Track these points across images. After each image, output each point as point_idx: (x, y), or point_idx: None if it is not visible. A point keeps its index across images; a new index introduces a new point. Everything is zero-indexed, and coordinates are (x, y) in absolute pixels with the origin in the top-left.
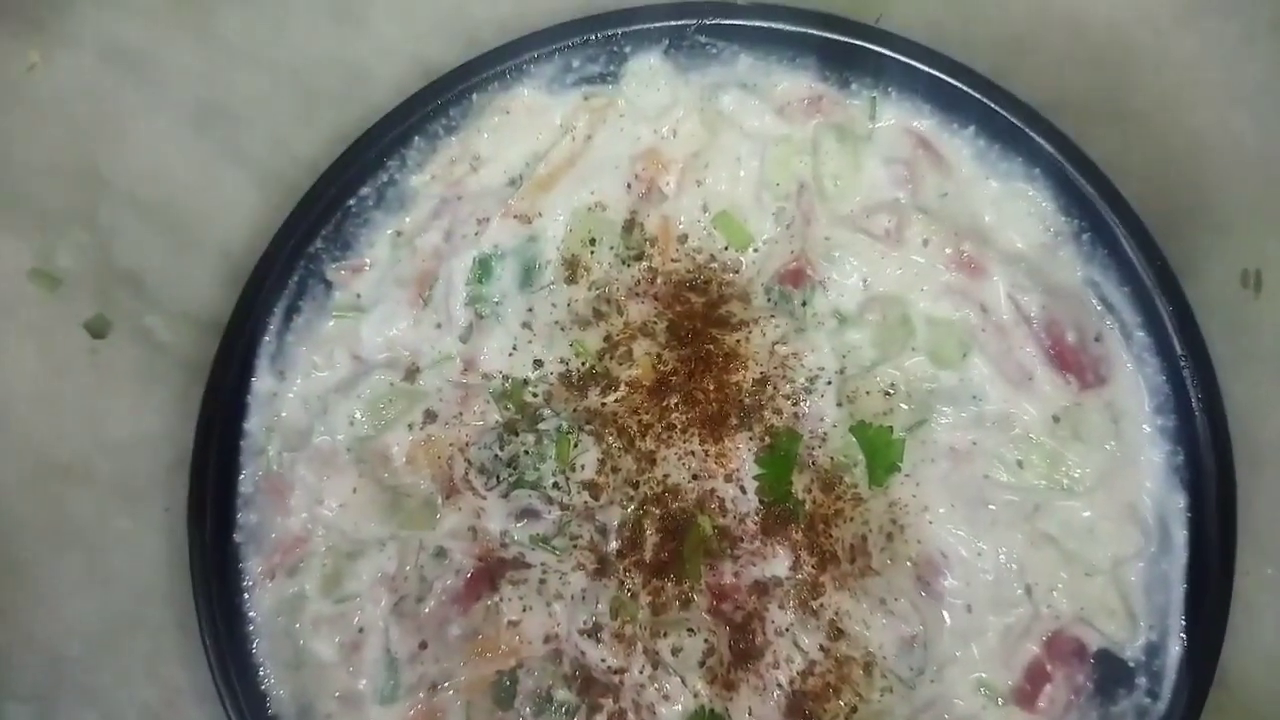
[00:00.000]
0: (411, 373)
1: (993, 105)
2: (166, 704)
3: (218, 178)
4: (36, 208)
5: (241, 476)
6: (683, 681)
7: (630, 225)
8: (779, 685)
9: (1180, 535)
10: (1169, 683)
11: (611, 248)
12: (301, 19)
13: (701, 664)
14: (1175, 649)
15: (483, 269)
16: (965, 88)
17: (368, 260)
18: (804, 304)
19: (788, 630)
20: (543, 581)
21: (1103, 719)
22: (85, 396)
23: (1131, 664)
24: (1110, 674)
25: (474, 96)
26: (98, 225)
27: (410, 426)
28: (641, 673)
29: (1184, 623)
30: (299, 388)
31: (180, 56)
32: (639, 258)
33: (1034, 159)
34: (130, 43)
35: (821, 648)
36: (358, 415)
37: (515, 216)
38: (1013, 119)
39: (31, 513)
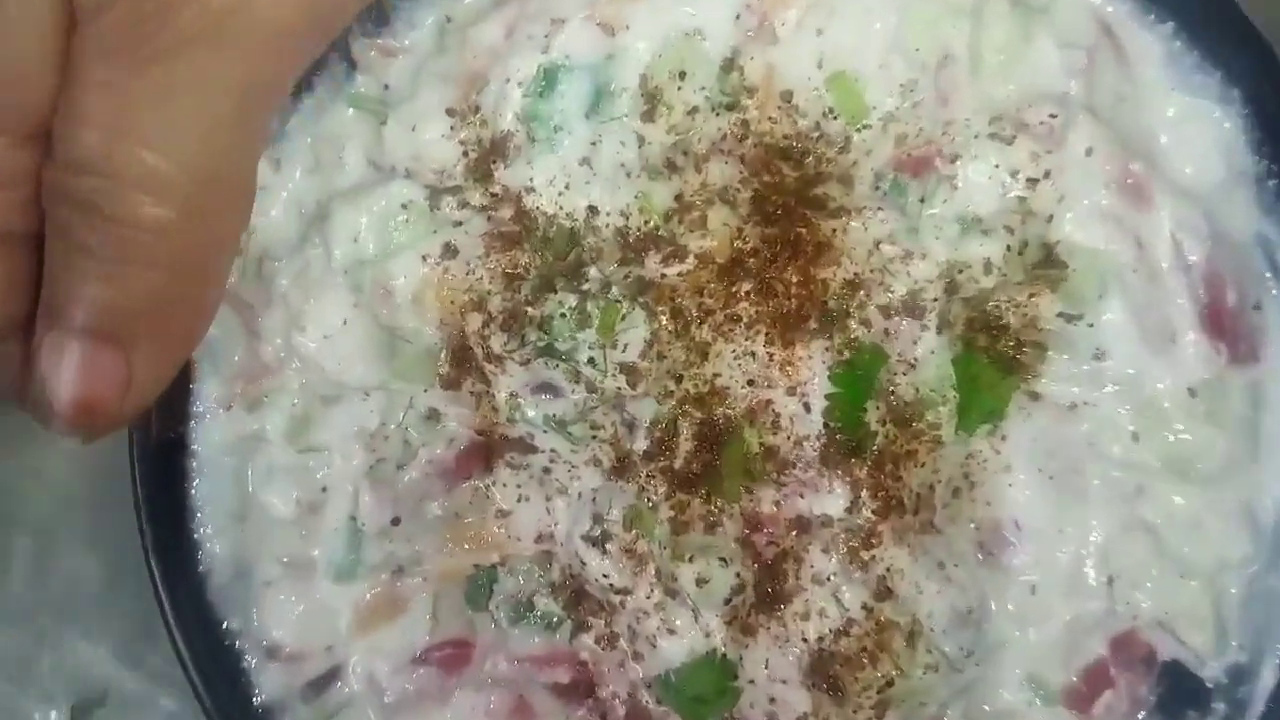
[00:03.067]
0: (436, 194)
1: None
2: None
3: None
4: None
5: None
6: (695, 617)
7: (730, 66)
8: (804, 640)
9: None
10: (1254, 715)
11: (703, 88)
12: None
13: (728, 601)
14: (1269, 678)
15: (547, 80)
16: None
17: (406, 42)
18: (922, 200)
19: (829, 579)
20: (547, 471)
21: None
22: None
23: (1210, 684)
24: (1179, 691)
25: None
26: None
27: (424, 259)
28: (649, 598)
29: None
30: (296, 184)
31: None
32: (732, 107)
33: (1234, 78)
34: None
35: (864, 606)
36: (363, 232)
37: (598, 23)
38: (1221, 23)
39: None
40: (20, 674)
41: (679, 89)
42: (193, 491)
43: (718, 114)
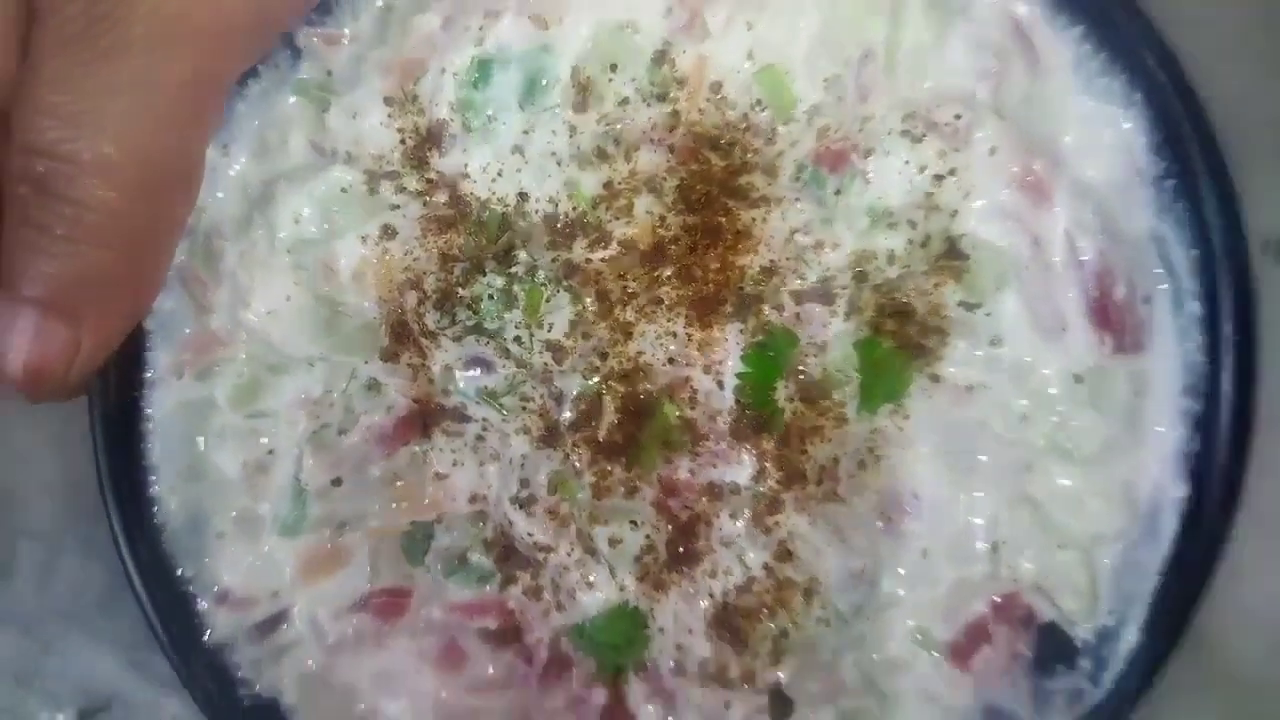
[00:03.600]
0: (375, 178)
1: (1111, 6)
2: None
3: None
4: None
5: None
6: (612, 573)
7: (661, 58)
8: (711, 595)
9: (1170, 527)
10: (1113, 673)
11: (634, 79)
12: None
13: (638, 559)
14: (1130, 640)
15: (481, 72)
16: None
17: (347, 31)
18: (838, 192)
19: (735, 541)
20: (480, 439)
21: (1034, 691)
22: None
23: (1078, 644)
24: (1052, 649)
25: None
26: None
27: (364, 239)
28: (569, 555)
29: (1147, 617)
30: (242, 167)
31: None
32: (662, 98)
33: (1138, 81)
34: None
35: (766, 566)
36: (305, 213)
37: (531, 17)
38: (1128, 27)
39: None
40: (26, 679)
41: (610, 80)
42: (148, 452)
43: (649, 104)
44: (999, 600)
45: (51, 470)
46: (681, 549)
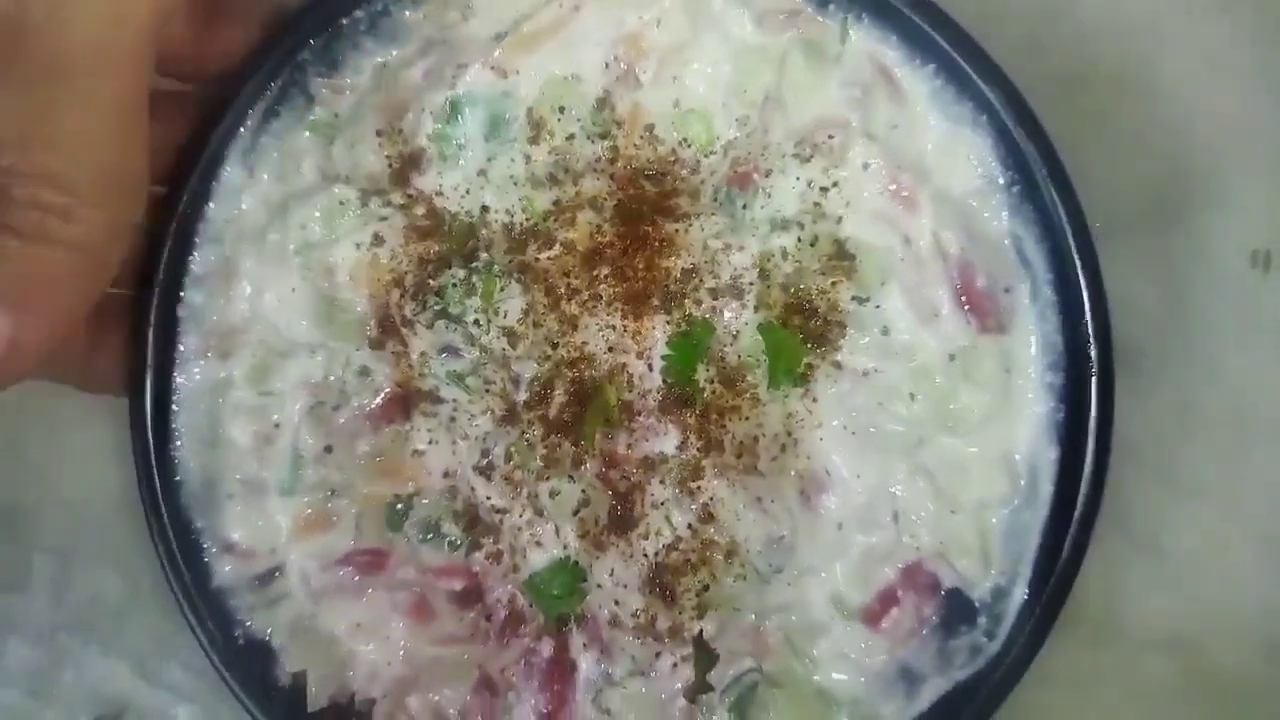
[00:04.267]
0: (368, 195)
1: (951, 49)
2: None
3: None
4: None
5: (195, 256)
6: (556, 532)
7: (602, 104)
8: (644, 555)
9: (1047, 490)
10: (1006, 626)
11: (579, 120)
12: None
13: (575, 514)
14: (1019, 596)
15: (453, 110)
16: (929, 28)
17: (350, 82)
18: (744, 206)
19: (663, 505)
20: (453, 419)
21: (940, 650)
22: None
23: (977, 604)
24: (956, 611)
25: None
26: None
27: (358, 245)
28: (521, 516)
29: (1031, 574)
30: (263, 186)
31: None
32: (604, 136)
33: (981, 107)
34: None
35: (690, 526)
36: (311, 224)
37: (493, 68)
38: (968, 66)
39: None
40: (43, 689)
41: (559, 120)
42: (175, 420)
43: (592, 141)
44: (905, 567)
45: (64, 486)
46: (620, 513)
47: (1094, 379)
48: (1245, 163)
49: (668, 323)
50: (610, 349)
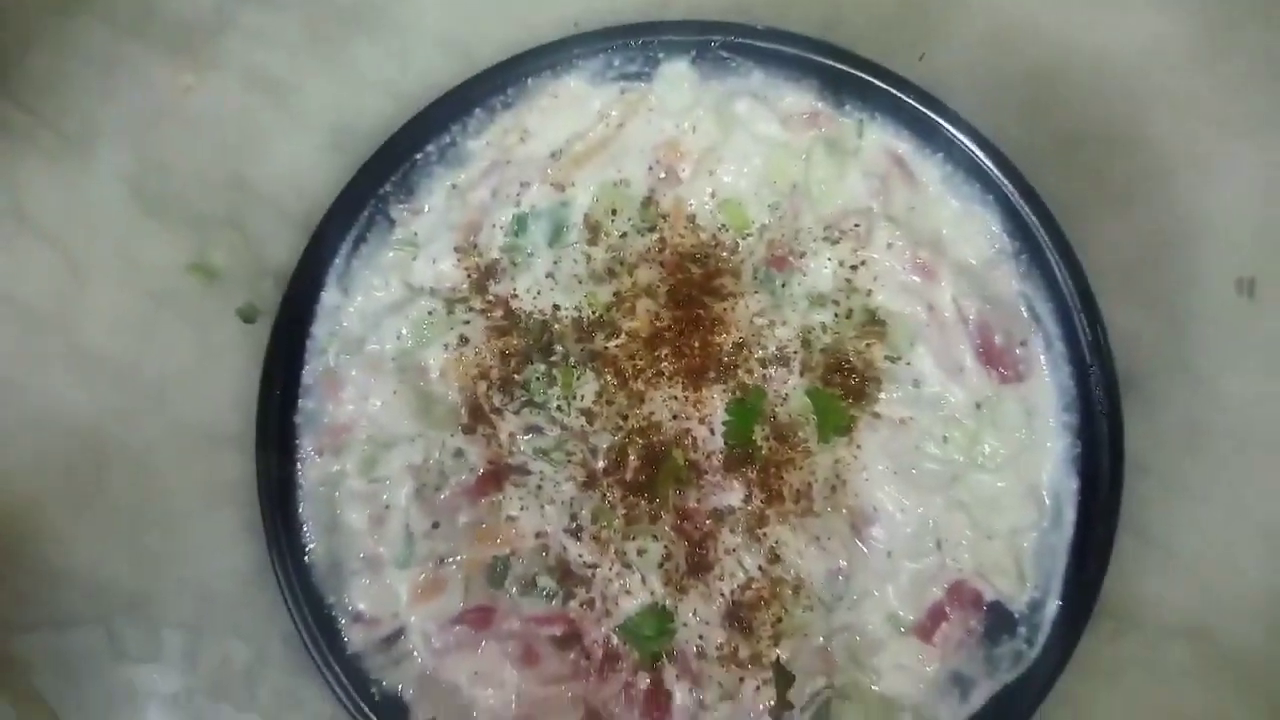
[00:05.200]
0: (451, 303)
1: (959, 138)
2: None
3: None
4: (193, 212)
5: (306, 369)
6: (643, 580)
7: (648, 202)
8: (722, 594)
9: (1070, 514)
10: (1043, 634)
11: (629, 219)
12: (418, 52)
13: (660, 566)
14: (1053, 607)
15: (519, 224)
16: (938, 119)
17: (426, 205)
18: (783, 285)
19: (734, 550)
20: (540, 488)
21: (986, 657)
22: (237, 374)
23: (1016, 616)
24: (998, 622)
25: (529, 80)
26: (246, 228)
27: (446, 346)
28: (611, 569)
29: (1062, 587)
30: (359, 304)
31: (317, 84)
32: (652, 229)
33: (988, 187)
34: (273, 70)
35: (760, 568)
36: (403, 332)
37: (552, 184)
38: (973, 152)
39: (189, 475)
40: None
41: (613, 221)
42: (300, 511)
43: (642, 235)
44: (950, 586)
45: (187, 571)
46: (696, 560)
47: (1104, 416)
48: (1225, 202)
49: (724, 391)
50: (675, 417)
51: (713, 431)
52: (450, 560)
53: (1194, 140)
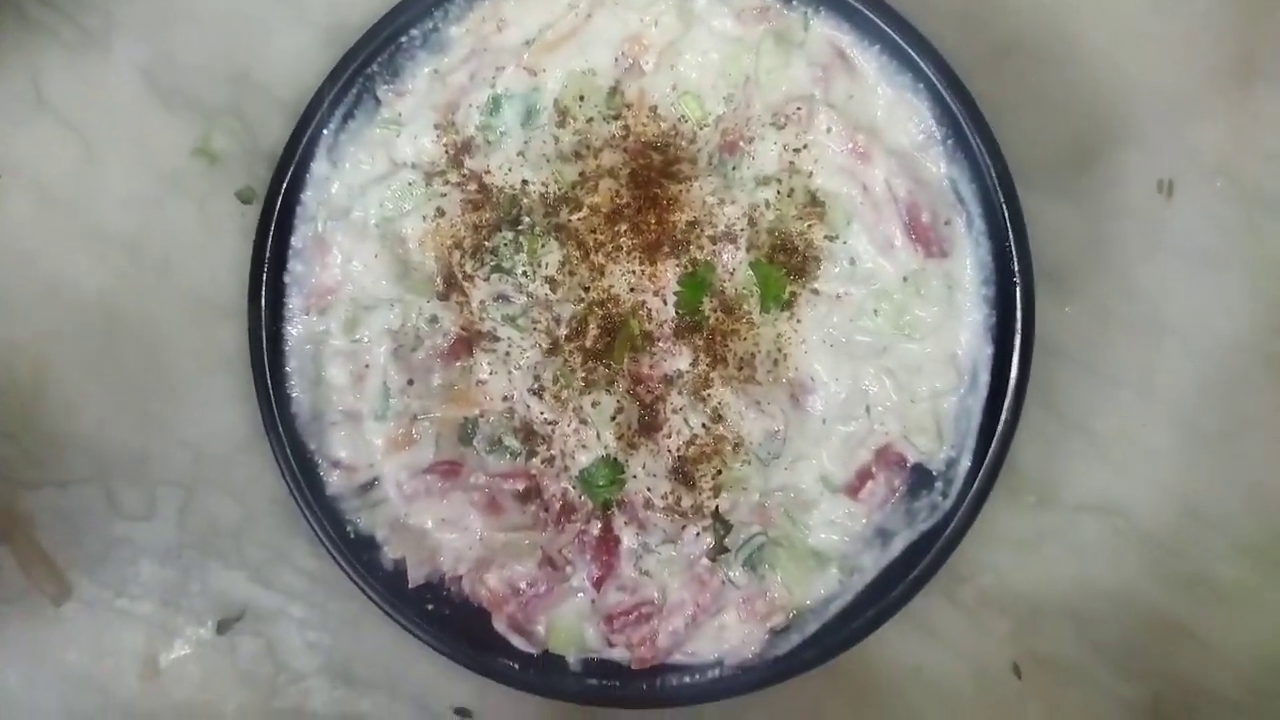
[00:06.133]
0: (430, 176)
1: (892, 32)
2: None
3: None
4: (200, 101)
5: (295, 234)
6: (598, 436)
7: (614, 91)
8: (669, 451)
9: (985, 378)
10: (956, 486)
11: (596, 106)
12: None
13: (613, 419)
14: (966, 463)
15: (494, 105)
16: (874, 16)
17: (410, 87)
18: (734, 168)
19: (681, 410)
20: (508, 353)
21: (907, 510)
22: (235, 251)
23: (934, 472)
24: (919, 481)
25: None
26: (246, 116)
27: (424, 217)
28: (569, 426)
29: (974, 445)
30: (346, 175)
31: None
32: (617, 117)
33: (919, 77)
34: None
35: (704, 426)
36: (386, 202)
37: (525, 69)
38: (907, 45)
39: (189, 342)
40: (173, 599)
41: (580, 107)
42: (287, 366)
43: (607, 122)
44: (878, 449)
45: (184, 431)
46: (647, 420)
47: (1018, 289)
48: (1149, 111)
49: (677, 265)
50: (632, 289)
51: (665, 302)
52: (423, 417)
53: (1122, 57)
